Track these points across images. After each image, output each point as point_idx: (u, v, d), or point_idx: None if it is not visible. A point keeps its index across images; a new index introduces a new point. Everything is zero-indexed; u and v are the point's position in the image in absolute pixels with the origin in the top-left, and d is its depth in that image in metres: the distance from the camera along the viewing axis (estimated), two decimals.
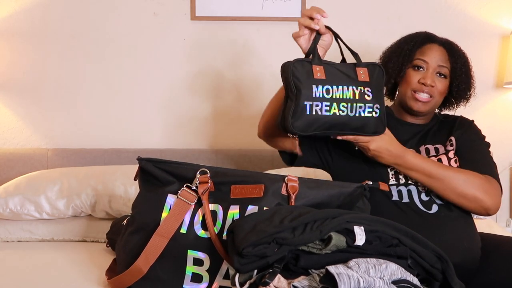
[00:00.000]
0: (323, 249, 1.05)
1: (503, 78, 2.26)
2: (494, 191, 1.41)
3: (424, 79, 1.49)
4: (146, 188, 1.35)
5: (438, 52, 1.51)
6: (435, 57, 1.50)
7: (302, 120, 1.25)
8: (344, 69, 1.33)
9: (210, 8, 2.27)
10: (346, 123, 1.28)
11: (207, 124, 2.33)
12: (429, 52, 1.51)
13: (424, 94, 1.50)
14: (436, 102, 1.53)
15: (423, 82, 1.49)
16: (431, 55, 1.50)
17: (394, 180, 1.46)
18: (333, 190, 1.29)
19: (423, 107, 1.51)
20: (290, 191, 1.26)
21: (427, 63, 1.50)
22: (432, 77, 1.49)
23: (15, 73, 2.30)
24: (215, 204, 1.26)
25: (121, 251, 1.33)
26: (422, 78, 1.49)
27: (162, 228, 1.24)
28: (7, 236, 1.87)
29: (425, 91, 1.49)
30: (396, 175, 1.46)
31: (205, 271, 1.22)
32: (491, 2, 2.29)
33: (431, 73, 1.50)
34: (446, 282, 1.12)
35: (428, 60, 1.50)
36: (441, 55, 1.51)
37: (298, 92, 1.28)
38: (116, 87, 2.31)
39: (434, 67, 1.50)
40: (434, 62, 1.50)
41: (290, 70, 1.30)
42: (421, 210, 1.41)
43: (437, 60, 1.50)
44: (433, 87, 1.49)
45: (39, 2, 2.28)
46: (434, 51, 1.51)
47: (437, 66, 1.50)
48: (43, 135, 2.32)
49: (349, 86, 1.29)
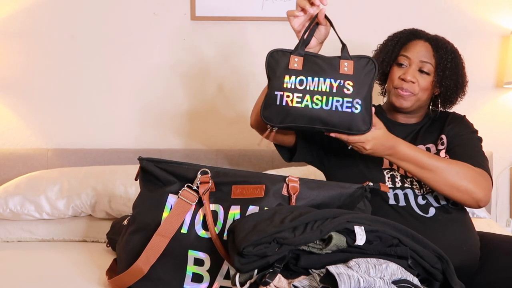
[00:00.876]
0: (323, 249, 1.05)
1: (503, 78, 2.26)
2: (485, 183, 1.39)
3: (404, 74, 1.48)
4: (147, 188, 1.35)
5: (422, 48, 1.50)
6: (418, 52, 1.49)
7: (272, 110, 1.24)
8: (328, 61, 1.28)
9: (210, 8, 2.27)
10: (322, 117, 1.23)
11: (207, 124, 2.33)
12: (412, 48, 1.50)
13: (404, 90, 1.48)
14: (420, 98, 1.50)
15: (403, 78, 1.48)
16: (414, 51, 1.49)
17: (390, 184, 1.45)
18: (334, 191, 1.29)
19: (405, 103, 1.50)
20: (291, 191, 1.26)
21: (409, 59, 1.49)
22: (413, 73, 1.48)
23: (15, 73, 2.30)
24: (216, 204, 1.26)
25: (121, 251, 1.33)
26: (402, 74, 1.49)
27: (163, 228, 1.24)
28: (7, 236, 1.87)
29: (404, 87, 1.48)
30: (392, 178, 1.45)
31: (206, 271, 1.22)
32: (491, 2, 2.29)
33: (412, 69, 1.48)
34: (446, 282, 1.12)
35: (411, 56, 1.49)
36: (425, 51, 1.49)
37: (269, 82, 1.26)
38: (116, 87, 2.31)
39: (416, 63, 1.49)
40: (416, 58, 1.48)
41: (266, 59, 1.28)
42: (418, 214, 1.41)
43: (420, 56, 1.48)
44: (414, 83, 1.48)
45: (39, 2, 2.28)
46: (418, 47, 1.50)
47: (419, 62, 1.48)
48: (43, 135, 2.32)
49: (327, 79, 1.24)
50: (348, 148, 1.35)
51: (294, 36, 1.41)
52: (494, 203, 2.30)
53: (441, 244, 1.29)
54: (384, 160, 1.48)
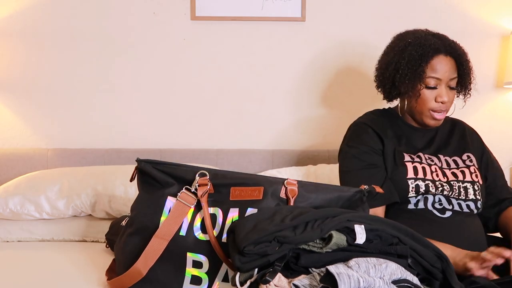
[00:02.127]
0: (323, 248, 1.05)
1: (503, 78, 2.26)
2: None
3: (441, 97, 1.49)
4: (145, 190, 1.35)
5: (448, 65, 1.49)
6: (446, 71, 1.49)
7: None
8: None
9: (210, 8, 2.27)
10: None
11: (207, 124, 2.33)
12: (439, 67, 1.48)
13: (441, 112, 1.51)
14: (448, 111, 1.55)
15: (441, 101, 1.49)
16: (442, 70, 1.48)
17: (414, 193, 1.46)
18: (332, 194, 1.29)
19: (439, 122, 1.54)
20: (289, 194, 1.26)
21: (440, 80, 1.49)
22: (447, 93, 1.50)
23: (15, 73, 2.30)
24: (215, 208, 1.26)
25: (120, 252, 1.32)
26: (438, 96, 1.49)
27: (162, 230, 1.23)
28: (7, 236, 1.87)
29: (443, 109, 1.51)
30: (416, 188, 1.46)
31: (204, 273, 1.22)
32: (491, 2, 2.29)
33: (444, 89, 1.49)
34: (446, 281, 1.12)
35: (441, 76, 1.48)
36: (450, 68, 1.50)
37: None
38: (116, 87, 2.31)
39: (446, 82, 1.50)
40: (446, 77, 1.49)
41: None
42: (435, 214, 1.44)
43: (449, 75, 1.49)
44: (449, 102, 1.51)
45: (39, 2, 2.28)
46: (444, 65, 1.48)
47: (450, 80, 1.50)
48: (43, 135, 2.32)
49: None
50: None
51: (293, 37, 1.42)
52: None
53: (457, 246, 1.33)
54: (408, 169, 1.48)
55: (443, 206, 1.46)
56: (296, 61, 2.31)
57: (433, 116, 1.51)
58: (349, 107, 2.31)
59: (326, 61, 2.30)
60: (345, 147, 1.58)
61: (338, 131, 2.32)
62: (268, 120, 2.32)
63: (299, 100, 2.32)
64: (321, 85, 2.31)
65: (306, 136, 2.33)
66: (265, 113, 2.32)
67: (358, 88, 2.31)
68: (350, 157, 1.54)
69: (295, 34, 2.29)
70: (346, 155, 1.56)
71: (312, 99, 2.31)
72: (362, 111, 2.34)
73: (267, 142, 2.32)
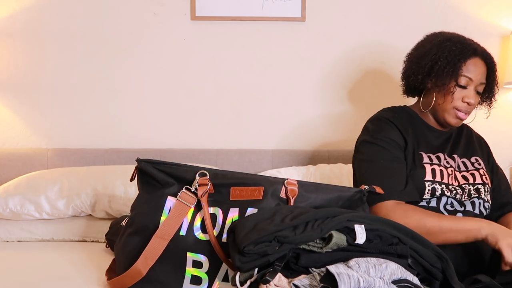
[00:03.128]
0: (323, 248, 1.05)
1: (503, 78, 2.26)
2: None
3: (468, 98, 1.49)
4: (145, 190, 1.35)
5: (481, 69, 1.50)
6: (479, 74, 1.50)
7: None
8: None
9: (210, 8, 2.27)
10: None
11: (207, 124, 2.33)
12: (474, 68, 1.49)
13: (465, 113, 1.51)
14: (470, 114, 1.55)
15: (467, 101, 1.49)
16: (476, 72, 1.49)
17: (429, 195, 1.45)
18: (332, 194, 1.29)
19: (460, 122, 1.54)
20: (290, 194, 1.26)
21: (472, 81, 1.49)
22: (475, 97, 1.51)
23: (15, 73, 2.30)
24: (215, 208, 1.26)
25: (120, 252, 1.32)
26: (465, 97, 1.49)
27: (162, 230, 1.23)
28: (7, 236, 1.87)
29: (467, 110, 1.51)
30: (432, 190, 1.45)
31: (204, 273, 1.22)
32: (491, 2, 2.29)
33: (473, 92, 1.50)
34: (446, 281, 1.12)
35: (473, 78, 1.49)
36: (483, 72, 1.51)
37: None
38: (116, 87, 2.31)
39: (476, 85, 1.50)
40: (477, 80, 1.50)
41: None
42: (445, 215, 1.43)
43: (480, 78, 1.50)
44: (474, 105, 1.52)
45: (38, 2, 2.28)
46: (478, 68, 1.49)
47: (479, 84, 1.51)
48: (43, 135, 2.32)
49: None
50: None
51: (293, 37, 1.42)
52: None
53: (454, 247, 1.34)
54: (427, 171, 1.47)
55: (455, 209, 1.46)
56: (296, 61, 2.31)
57: (456, 115, 1.51)
58: (349, 107, 2.31)
59: (326, 61, 2.31)
60: (369, 138, 1.53)
61: (338, 131, 2.32)
62: (268, 120, 2.32)
63: (299, 100, 2.32)
64: (321, 85, 2.31)
65: (306, 136, 2.33)
66: (265, 113, 2.32)
67: (358, 88, 2.31)
68: (377, 147, 1.50)
69: (295, 34, 2.29)
70: (372, 145, 1.51)
71: (312, 99, 2.31)
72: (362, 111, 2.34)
73: (267, 142, 2.32)
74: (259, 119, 2.33)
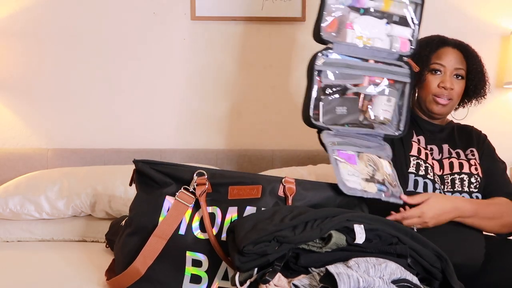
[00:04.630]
0: (323, 248, 1.06)
1: (503, 78, 2.26)
2: None
3: (444, 83, 1.53)
4: (143, 190, 1.35)
5: (453, 55, 1.55)
6: (451, 60, 1.54)
7: None
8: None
9: (210, 8, 2.27)
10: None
11: (207, 124, 2.33)
12: (444, 56, 1.54)
13: (444, 97, 1.54)
14: (454, 103, 1.58)
15: (443, 86, 1.53)
16: (447, 59, 1.54)
17: (414, 169, 1.48)
18: (329, 192, 1.30)
19: (443, 109, 1.56)
20: (287, 192, 1.27)
21: (444, 67, 1.54)
22: (451, 80, 1.53)
23: (15, 73, 2.30)
24: (213, 207, 1.26)
25: (119, 252, 1.33)
26: (441, 82, 1.54)
27: (160, 230, 1.24)
28: (7, 236, 1.87)
29: (445, 95, 1.53)
30: (417, 165, 1.48)
31: (204, 272, 1.22)
32: (491, 2, 2.29)
33: (449, 76, 1.54)
34: (446, 281, 1.12)
35: (445, 64, 1.54)
36: (456, 57, 1.55)
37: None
38: (116, 87, 2.31)
39: (451, 70, 1.54)
40: (451, 66, 1.54)
41: None
42: None
43: (454, 63, 1.54)
44: (452, 89, 1.53)
45: (39, 2, 2.28)
46: (449, 54, 1.55)
47: (454, 69, 1.54)
48: (43, 135, 2.32)
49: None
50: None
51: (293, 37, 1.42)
52: None
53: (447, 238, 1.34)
54: (413, 147, 1.52)
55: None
56: (296, 61, 2.30)
57: (436, 101, 1.54)
58: None
59: None
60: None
61: None
62: (268, 120, 2.32)
63: (299, 100, 2.31)
64: None
65: (306, 136, 2.33)
66: (265, 113, 2.32)
67: None
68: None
69: (295, 34, 2.29)
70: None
71: None
72: None
73: (267, 142, 2.32)
74: (259, 119, 2.33)
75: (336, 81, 1.38)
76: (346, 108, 1.37)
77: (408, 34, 1.46)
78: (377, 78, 1.41)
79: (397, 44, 1.43)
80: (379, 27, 1.41)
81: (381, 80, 1.42)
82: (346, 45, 1.39)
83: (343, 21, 1.39)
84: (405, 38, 1.45)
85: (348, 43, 1.39)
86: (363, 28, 1.39)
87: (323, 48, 1.41)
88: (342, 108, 1.37)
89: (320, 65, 1.38)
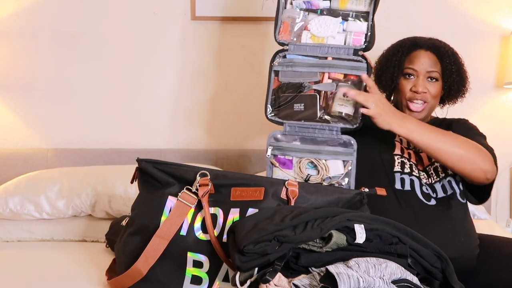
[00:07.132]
0: (323, 247, 1.06)
1: (503, 78, 2.26)
2: (490, 157, 1.45)
3: (416, 87, 1.52)
4: (146, 190, 1.35)
5: (425, 57, 1.54)
6: (423, 63, 1.53)
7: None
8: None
9: (210, 8, 2.27)
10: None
11: (207, 124, 2.33)
12: (416, 59, 1.54)
13: (418, 102, 1.53)
14: (432, 105, 1.56)
15: (415, 90, 1.52)
16: (419, 62, 1.53)
17: (399, 168, 1.48)
18: (332, 196, 1.30)
19: (419, 114, 1.54)
20: (290, 195, 1.27)
21: (417, 71, 1.53)
22: (423, 84, 1.52)
23: (15, 73, 2.30)
24: (215, 208, 1.26)
25: (120, 252, 1.33)
26: (413, 86, 1.53)
27: (162, 230, 1.24)
28: (7, 236, 1.87)
29: (418, 98, 1.53)
30: (402, 164, 1.48)
31: (205, 273, 1.22)
32: (491, 2, 2.29)
33: (421, 80, 1.53)
34: (446, 281, 1.12)
35: (417, 68, 1.53)
36: (429, 60, 1.54)
37: None
38: (116, 87, 2.31)
39: (423, 74, 1.53)
40: (423, 69, 1.53)
41: None
42: (421, 200, 1.44)
43: (426, 66, 1.53)
44: (425, 93, 1.52)
45: (39, 2, 2.28)
46: (421, 58, 1.54)
47: (426, 72, 1.53)
48: (43, 135, 2.32)
49: None
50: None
51: None
52: (494, 203, 2.30)
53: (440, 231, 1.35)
54: (396, 146, 1.52)
55: (429, 193, 1.46)
56: None
57: (408, 106, 1.54)
58: None
59: None
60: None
61: None
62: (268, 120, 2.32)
63: None
64: None
65: None
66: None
67: None
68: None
69: None
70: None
71: None
72: None
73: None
74: (259, 119, 2.32)
75: (292, 79, 1.45)
76: (304, 104, 1.43)
77: (365, 28, 1.48)
78: (334, 74, 1.44)
79: (350, 39, 1.46)
80: (333, 25, 1.45)
81: (339, 76, 1.45)
82: (300, 46, 1.45)
83: (298, 24, 1.50)
84: (361, 32, 1.47)
85: (301, 44, 1.45)
86: (317, 27, 1.45)
87: (281, 49, 1.49)
88: (300, 105, 1.43)
89: (276, 65, 1.46)
